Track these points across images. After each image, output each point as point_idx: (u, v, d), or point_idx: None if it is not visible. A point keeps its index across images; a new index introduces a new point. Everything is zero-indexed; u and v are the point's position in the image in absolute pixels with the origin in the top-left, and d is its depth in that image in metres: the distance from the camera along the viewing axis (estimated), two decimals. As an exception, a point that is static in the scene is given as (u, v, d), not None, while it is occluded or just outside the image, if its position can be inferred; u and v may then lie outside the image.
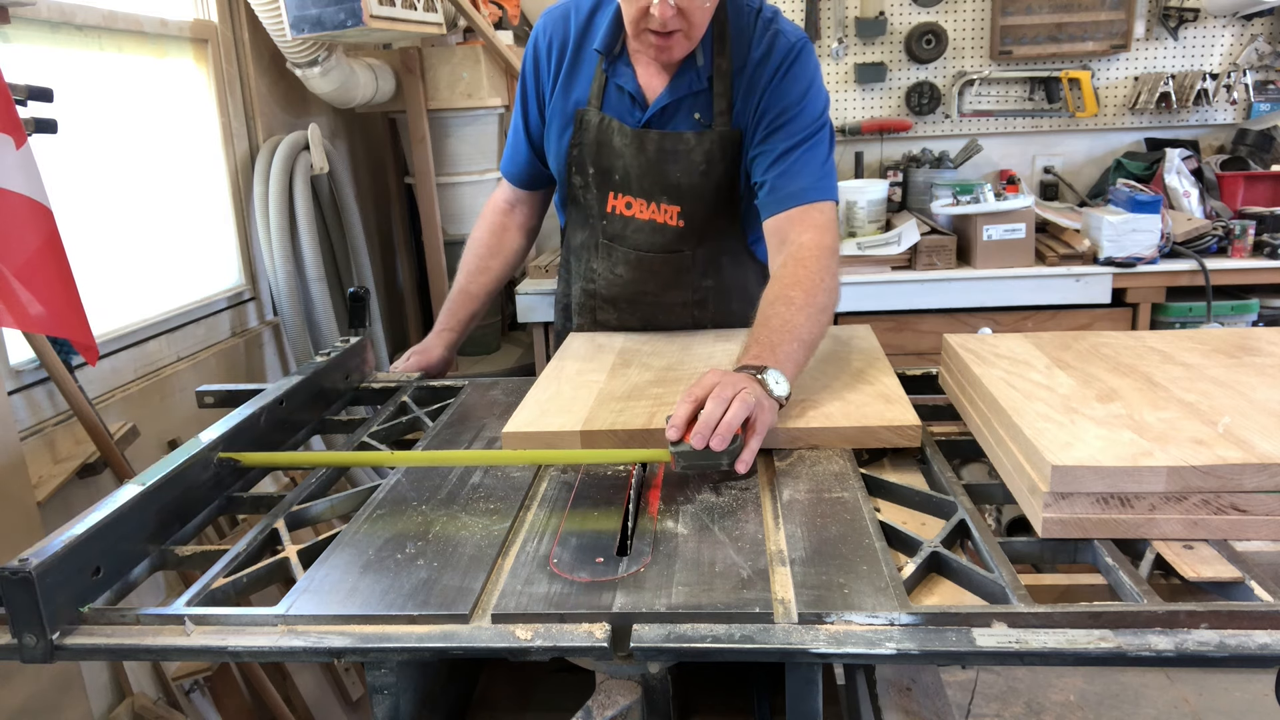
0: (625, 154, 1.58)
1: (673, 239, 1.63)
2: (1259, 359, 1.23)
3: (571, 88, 1.62)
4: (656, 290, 1.68)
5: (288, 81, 2.76)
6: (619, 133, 1.58)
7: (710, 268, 1.67)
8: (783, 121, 1.51)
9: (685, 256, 1.64)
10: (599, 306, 1.74)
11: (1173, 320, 2.90)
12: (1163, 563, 0.91)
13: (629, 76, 1.57)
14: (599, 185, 1.63)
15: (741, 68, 1.53)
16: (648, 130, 1.57)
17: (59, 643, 0.87)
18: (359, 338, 1.68)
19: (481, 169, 3.26)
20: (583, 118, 1.60)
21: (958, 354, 1.32)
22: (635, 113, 1.58)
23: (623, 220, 1.65)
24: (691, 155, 1.55)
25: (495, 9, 3.21)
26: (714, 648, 0.81)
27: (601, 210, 1.65)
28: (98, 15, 2.05)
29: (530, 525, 1.04)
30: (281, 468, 1.65)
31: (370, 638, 0.85)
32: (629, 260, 1.66)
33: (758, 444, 1.12)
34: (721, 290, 1.70)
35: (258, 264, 2.66)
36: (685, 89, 1.54)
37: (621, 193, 1.62)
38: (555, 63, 1.63)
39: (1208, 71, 3.33)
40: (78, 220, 1.95)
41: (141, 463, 1.93)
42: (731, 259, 1.69)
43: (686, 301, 1.69)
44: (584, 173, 1.64)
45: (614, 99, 1.59)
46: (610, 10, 1.56)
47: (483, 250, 1.83)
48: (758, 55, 1.52)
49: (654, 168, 1.57)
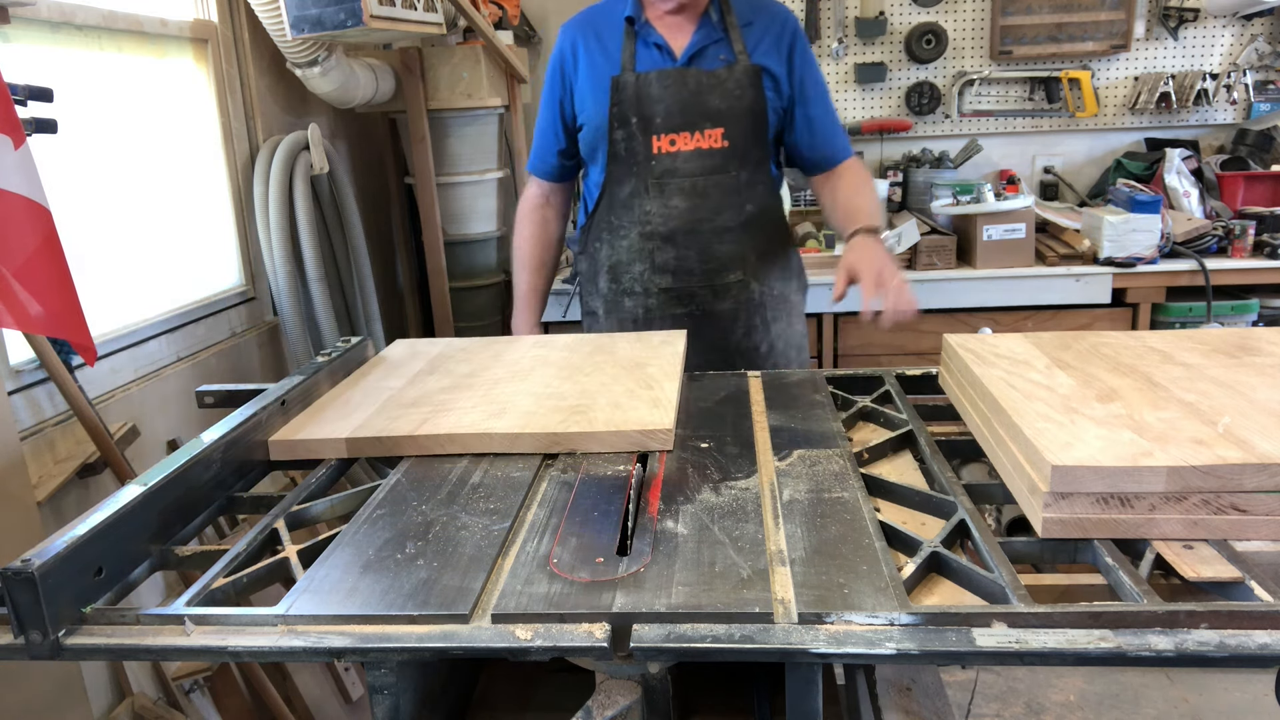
0: (666, 96, 1.83)
1: (720, 160, 1.86)
2: (1259, 359, 1.23)
3: (599, 65, 1.88)
4: (710, 214, 1.88)
5: (288, 81, 2.76)
6: (657, 80, 1.83)
7: (752, 193, 1.90)
8: (813, 92, 1.91)
9: (731, 178, 1.87)
10: (657, 248, 1.90)
11: (1173, 320, 2.90)
12: (1163, 563, 0.91)
13: (657, 34, 1.87)
14: (643, 131, 1.85)
15: (750, 23, 1.87)
16: (686, 69, 1.84)
17: (62, 643, 0.87)
18: (360, 338, 1.68)
19: (481, 169, 3.26)
20: (618, 81, 1.85)
21: (958, 354, 1.32)
22: (668, 62, 1.86)
23: (670, 156, 1.86)
24: (725, 84, 1.83)
25: (495, 9, 3.21)
26: (714, 648, 0.81)
27: (648, 154, 1.86)
28: (98, 15, 2.05)
29: (530, 525, 1.04)
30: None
31: (370, 638, 0.85)
32: (684, 189, 1.86)
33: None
34: (760, 217, 1.93)
35: (258, 264, 2.66)
36: (706, 38, 1.85)
37: (665, 132, 1.85)
38: (582, 55, 1.91)
39: (1208, 71, 3.33)
40: (78, 221, 1.95)
41: (141, 463, 1.94)
42: (765, 188, 1.93)
43: (735, 225, 1.89)
44: (627, 125, 1.85)
45: (645, 57, 1.86)
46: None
47: (536, 247, 2.07)
48: (761, 15, 1.88)
49: (695, 99, 1.83)
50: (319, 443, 1.26)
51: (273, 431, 1.29)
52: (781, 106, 1.89)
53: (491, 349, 1.61)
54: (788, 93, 1.88)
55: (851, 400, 1.39)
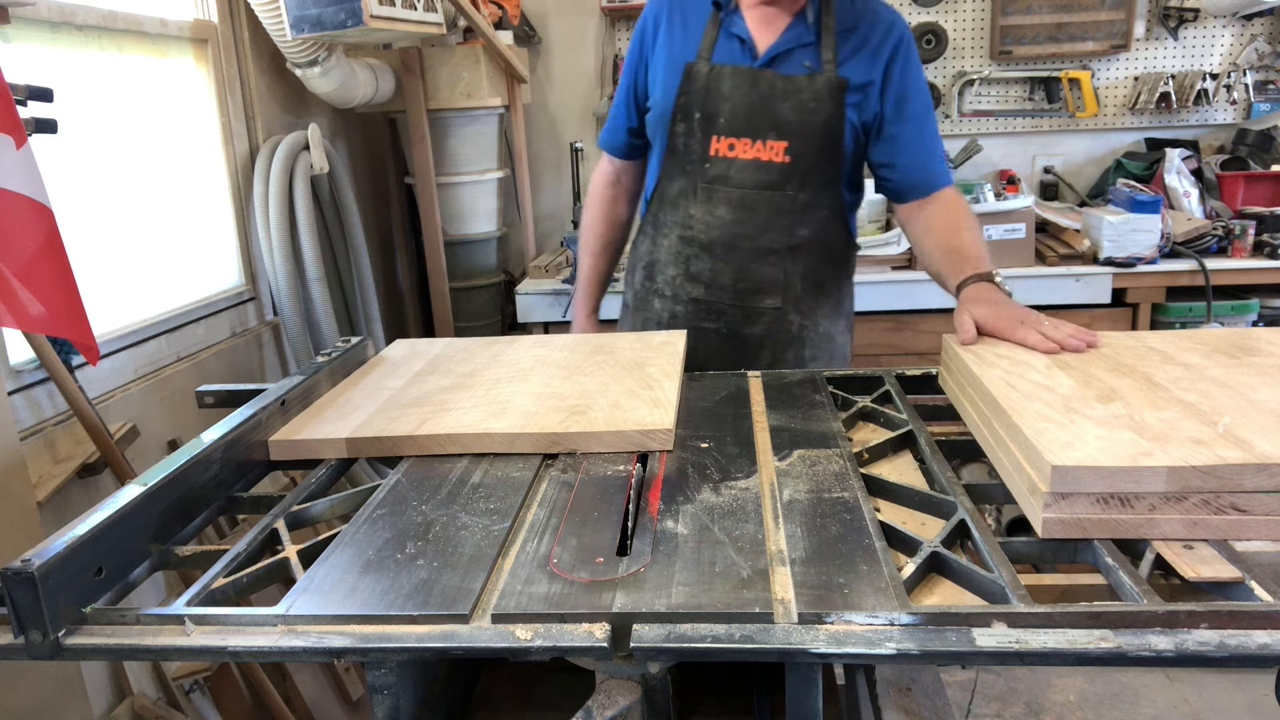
0: (734, 95, 1.67)
1: (776, 176, 1.69)
2: (1259, 359, 1.23)
3: (677, 46, 1.74)
4: (754, 232, 1.73)
5: (288, 81, 2.77)
6: (730, 76, 1.68)
7: (807, 216, 1.73)
8: (910, 109, 1.69)
9: (786, 197, 1.70)
10: (694, 255, 1.78)
11: (1173, 320, 2.90)
12: (1163, 563, 0.91)
13: (743, 26, 1.70)
14: (703, 129, 1.71)
15: (851, 28, 1.67)
16: (762, 70, 1.67)
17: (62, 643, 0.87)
18: (360, 338, 1.68)
19: (481, 169, 3.26)
20: (691, 69, 1.70)
21: (958, 354, 1.32)
22: (747, 59, 1.69)
23: (725, 162, 1.71)
24: (801, 94, 1.66)
25: (495, 9, 3.21)
26: (714, 648, 0.81)
27: (704, 154, 1.72)
28: (98, 15, 2.05)
29: (530, 525, 1.04)
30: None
31: (370, 638, 0.85)
32: (730, 200, 1.72)
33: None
34: (815, 245, 1.76)
35: (258, 264, 2.66)
36: (795, 40, 1.67)
37: (725, 134, 1.70)
38: (663, 31, 1.77)
39: (1208, 71, 3.33)
40: (78, 220, 1.95)
41: (141, 463, 1.94)
42: (829, 214, 1.75)
43: (780, 248, 1.74)
44: (689, 119, 1.71)
45: (725, 48, 1.70)
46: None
47: (601, 228, 1.97)
48: (866, 19, 1.68)
49: (764, 104, 1.67)
50: (319, 443, 1.26)
51: (273, 431, 1.29)
52: (865, 125, 1.69)
53: (491, 349, 1.61)
54: (876, 109, 1.68)
55: (851, 400, 1.39)
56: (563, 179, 3.80)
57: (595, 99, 3.75)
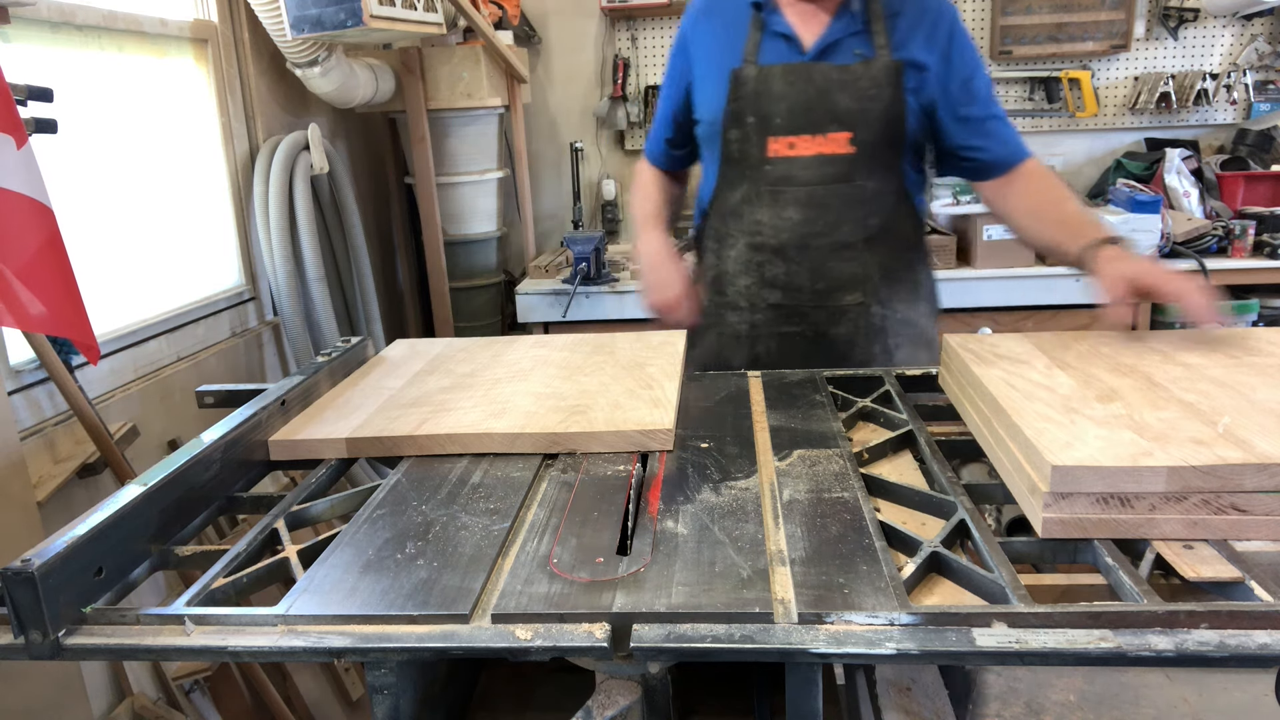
0: (789, 94, 1.64)
1: (844, 168, 1.66)
2: (1259, 359, 1.23)
3: (718, 55, 1.70)
4: (826, 228, 1.69)
5: (288, 81, 2.77)
6: (781, 75, 1.64)
7: (878, 205, 1.70)
8: (976, 88, 1.67)
9: (855, 188, 1.67)
10: (766, 261, 1.73)
11: (1173, 320, 2.90)
12: (1163, 563, 0.91)
13: (785, 23, 1.66)
14: (759, 132, 1.67)
15: (898, 13, 1.63)
16: (814, 63, 1.64)
17: (62, 643, 0.87)
18: (360, 338, 1.68)
19: (481, 169, 3.26)
20: (739, 74, 1.66)
21: (958, 354, 1.32)
22: (795, 55, 1.65)
23: (787, 162, 1.67)
24: (859, 82, 1.62)
25: (495, 9, 3.21)
26: (714, 648, 0.81)
27: (762, 157, 1.68)
28: (98, 15, 2.05)
29: (530, 525, 1.04)
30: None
31: (370, 638, 0.85)
32: (798, 199, 1.68)
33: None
34: (888, 233, 1.72)
35: (258, 264, 2.66)
36: (843, 30, 1.63)
37: (784, 134, 1.66)
38: (703, 41, 1.74)
39: (1208, 71, 3.33)
40: (79, 220, 1.95)
41: (141, 463, 1.94)
42: (896, 199, 1.72)
43: (855, 241, 1.70)
44: (742, 124, 1.67)
45: (770, 48, 1.66)
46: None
47: (654, 192, 1.89)
48: (912, 1, 1.64)
49: (822, 97, 1.63)
50: (319, 443, 1.26)
51: (273, 431, 1.29)
52: (927, 107, 1.66)
53: (491, 349, 1.61)
54: (938, 91, 1.64)
55: (851, 400, 1.39)
56: (562, 179, 3.80)
57: (595, 99, 3.75)
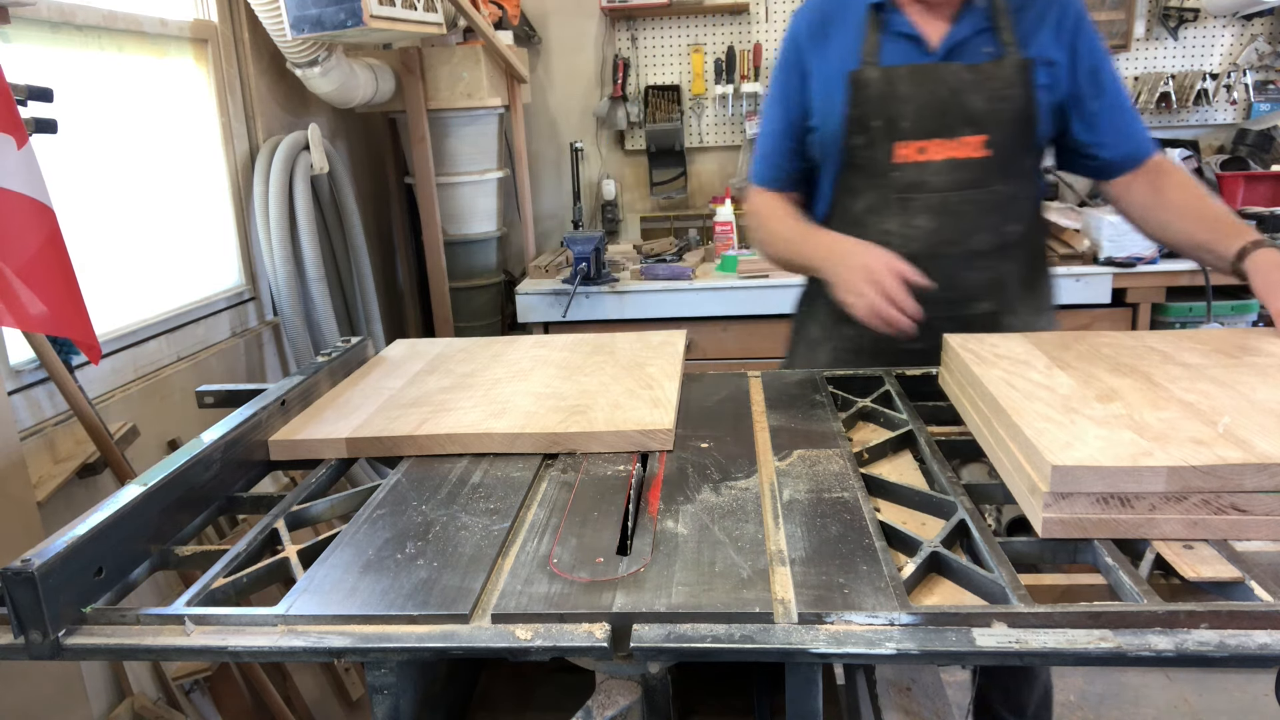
0: (917, 96, 1.57)
1: (978, 173, 1.59)
2: (1259, 359, 1.23)
3: (834, 58, 1.62)
4: (959, 236, 1.60)
5: (288, 81, 2.77)
6: (908, 77, 1.57)
7: (1015, 210, 1.63)
8: (1104, 80, 1.60)
9: (991, 193, 1.59)
10: None
11: (1173, 320, 2.90)
12: (1163, 563, 0.91)
13: (907, 23, 1.59)
14: (885, 137, 1.59)
15: (1022, 8, 1.57)
16: (943, 64, 1.57)
17: (62, 643, 0.87)
18: (360, 338, 1.68)
19: (481, 169, 3.26)
20: (859, 77, 1.59)
21: (958, 354, 1.32)
22: (921, 55, 1.58)
23: (917, 168, 1.60)
24: (992, 82, 1.56)
25: (495, 9, 3.21)
26: (714, 648, 0.81)
27: (888, 164, 1.60)
28: (98, 15, 2.05)
29: (530, 525, 1.04)
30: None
31: (370, 638, 0.85)
32: (930, 206, 1.60)
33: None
34: (1026, 239, 1.65)
35: (258, 264, 2.66)
36: (971, 28, 1.57)
37: (912, 138, 1.59)
38: (817, 46, 1.65)
39: (1208, 71, 3.33)
40: (78, 221, 1.95)
41: (141, 463, 1.94)
42: (1030, 204, 1.66)
43: (990, 250, 1.62)
44: (865, 130, 1.60)
45: (892, 50, 1.59)
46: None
47: (788, 208, 1.72)
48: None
49: (953, 99, 1.57)
50: (319, 443, 1.26)
51: (273, 431, 1.29)
52: (1058, 104, 1.59)
53: (491, 349, 1.61)
54: (1068, 87, 1.58)
55: (851, 400, 1.39)
56: (563, 179, 3.80)
57: (595, 99, 3.75)
